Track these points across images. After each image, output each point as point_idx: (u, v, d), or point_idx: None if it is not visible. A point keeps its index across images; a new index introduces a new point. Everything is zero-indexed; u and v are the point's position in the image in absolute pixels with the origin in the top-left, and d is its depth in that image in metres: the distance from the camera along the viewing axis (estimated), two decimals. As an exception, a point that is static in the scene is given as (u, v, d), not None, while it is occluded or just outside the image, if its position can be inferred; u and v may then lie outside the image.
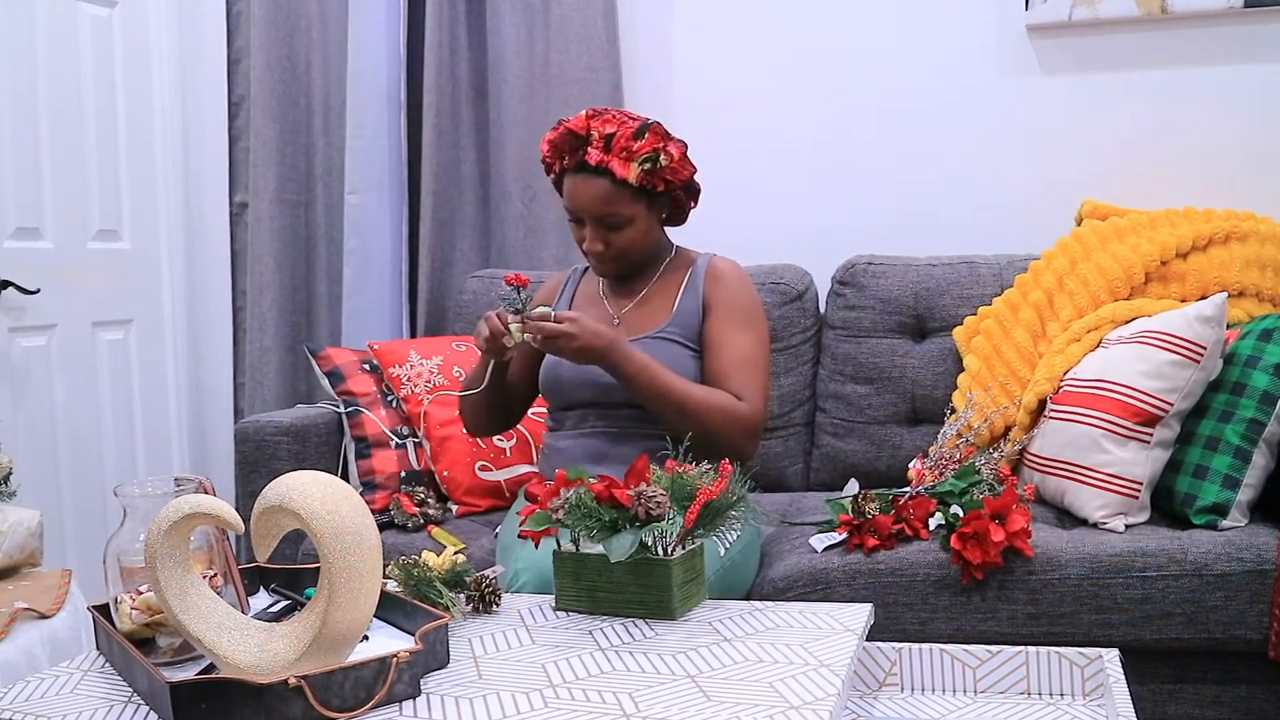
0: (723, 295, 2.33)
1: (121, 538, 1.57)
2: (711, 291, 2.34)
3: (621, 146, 2.23)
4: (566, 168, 2.28)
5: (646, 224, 2.31)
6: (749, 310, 2.35)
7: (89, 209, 3.22)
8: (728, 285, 2.35)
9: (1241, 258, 2.63)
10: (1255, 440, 2.25)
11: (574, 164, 2.26)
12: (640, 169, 2.23)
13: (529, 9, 3.31)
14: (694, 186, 2.36)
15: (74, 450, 3.15)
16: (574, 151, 2.26)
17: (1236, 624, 2.10)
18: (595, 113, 2.26)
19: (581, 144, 2.25)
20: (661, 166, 2.25)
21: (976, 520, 2.14)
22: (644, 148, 2.23)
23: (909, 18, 3.16)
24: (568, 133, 2.25)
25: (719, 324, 2.30)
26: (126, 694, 1.44)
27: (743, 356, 2.28)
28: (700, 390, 2.21)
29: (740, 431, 2.23)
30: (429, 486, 2.76)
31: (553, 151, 2.30)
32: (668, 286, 2.39)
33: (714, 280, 2.36)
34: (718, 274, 2.37)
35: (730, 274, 2.38)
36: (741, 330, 2.31)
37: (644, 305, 2.38)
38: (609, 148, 2.23)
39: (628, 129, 2.23)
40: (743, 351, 2.28)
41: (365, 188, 3.36)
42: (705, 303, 2.33)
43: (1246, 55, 2.96)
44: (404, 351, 2.85)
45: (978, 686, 1.75)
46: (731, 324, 2.30)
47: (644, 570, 1.66)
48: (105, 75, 3.27)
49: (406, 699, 1.37)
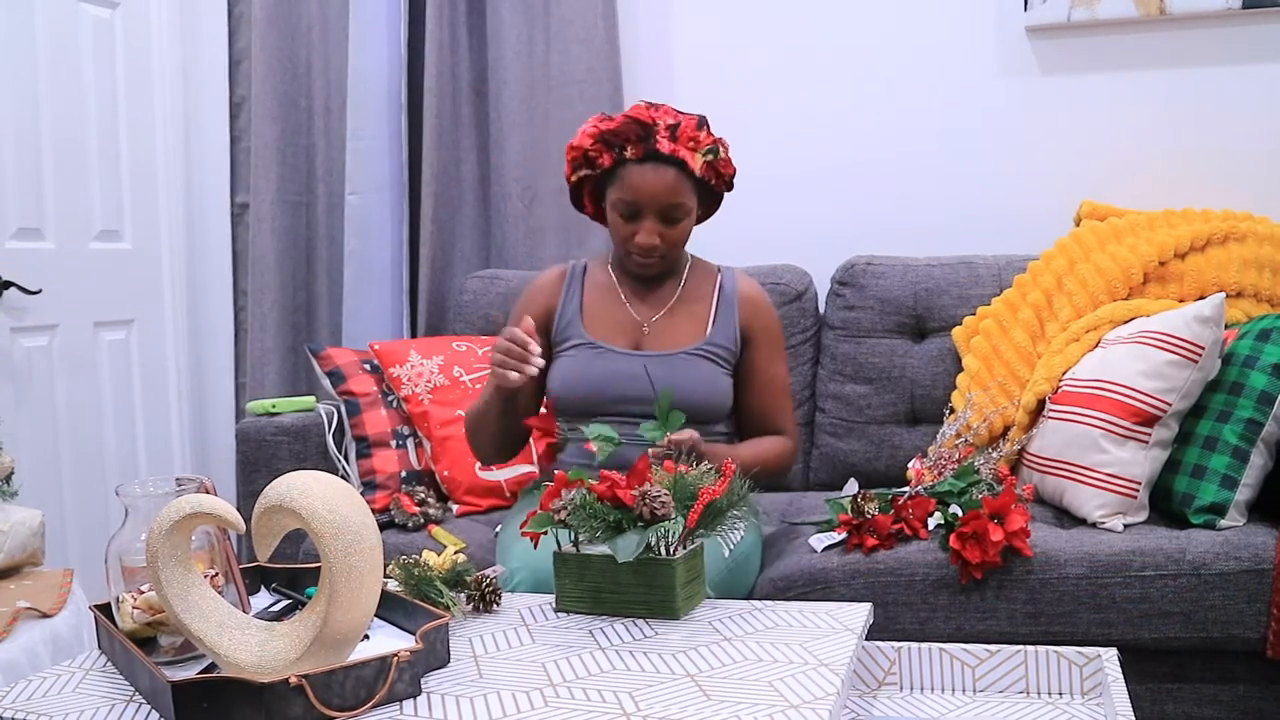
0: (764, 327, 2.38)
1: (123, 537, 1.58)
2: (752, 323, 2.37)
3: (689, 136, 2.23)
4: (630, 157, 2.22)
5: (693, 220, 2.33)
6: (780, 338, 2.43)
7: (90, 209, 3.23)
8: (767, 316, 2.40)
9: (1239, 258, 2.64)
10: (1253, 440, 2.25)
11: (642, 153, 2.21)
12: (704, 160, 2.24)
13: (529, 10, 3.31)
14: (732, 184, 2.35)
15: (76, 450, 3.16)
16: (639, 141, 2.22)
17: (1234, 623, 2.11)
18: (651, 105, 2.27)
19: (649, 132, 2.22)
20: (720, 158, 2.27)
21: (975, 520, 2.14)
22: (707, 139, 2.25)
23: (908, 19, 3.16)
24: (631, 121, 2.22)
25: (764, 358, 2.37)
26: (128, 693, 1.44)
27: (783, 389, 2.41)
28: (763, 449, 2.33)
29: (790, 463, 2.41)
30: (429, 486, 2.76)
31: (603, 143, 2.25)
32: (695, 298, 2.38)
33: (753, 309, 2.39)
34: (755, 303, 2.40)
35: (764, 302, 2.42)
36: (780, 362, 2.41)
37: (673, 316, 2.36)
38: (675, 137, 2.22)
39: (691, 120, 2.25)
40: (782, 384, 2.41)
41: (366, 188, 3.37)
42: (745, 333, 2.37)
43: (1245, 56, 2.96)
44: (404, 351, 2.85)
45: (976, 686, 1.76)
46: (773, 357, 2.39)
47: (647, 570, 1.67)
48: (107, 76, 3.28)
49: (407, 698, 1.38)
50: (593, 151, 2.26)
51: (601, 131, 2.24)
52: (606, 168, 2.26)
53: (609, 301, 2.38)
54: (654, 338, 2.33)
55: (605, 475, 1.72)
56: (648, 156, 2.22)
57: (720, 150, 2.27)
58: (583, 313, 2.37)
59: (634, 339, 2.34)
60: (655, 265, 2.32)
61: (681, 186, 2.23)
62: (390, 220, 3.43)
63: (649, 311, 2.36)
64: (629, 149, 2.23)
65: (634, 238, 2.27)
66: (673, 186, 2.22)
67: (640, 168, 2.22)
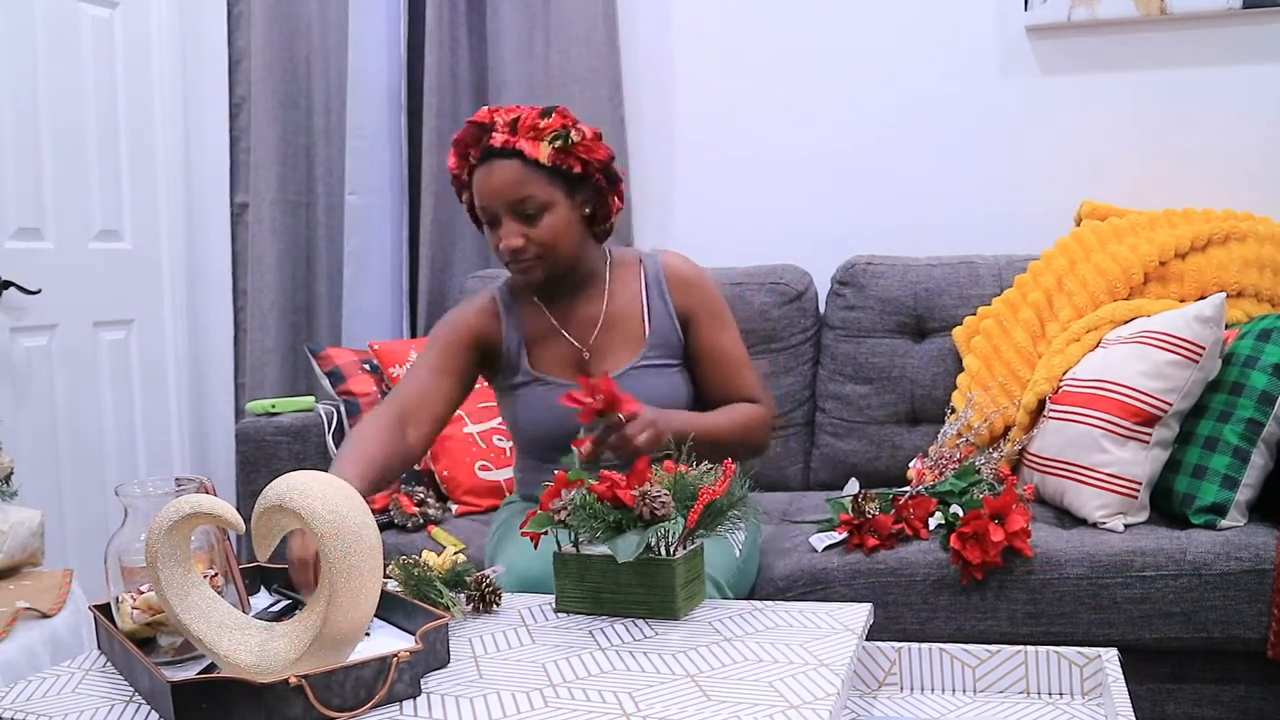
0: (700, 301, 2.24)
1: (122, 537, 1.57)
2: (685, 301, 2.23)
3: (529, 125, 2.08)
4: (473, 161, 2.11)
5: (568, 214, 2.11)
6: (722, 306, 2.27)
7: (90, 209, 3.23)
8: (700, 289, 2.25)
9: (1240, 258, 2.63)
10: (1254, 440, 2.25)
11: (480, 154, 2.09)
12: (551, 146, 2.07)
13: (529, 10, 3.31)
14: (613, 172, 2.16)
15: (75, 450, 3.16)
16: (476, 143, 2.10)
17: (1235, 623, 2.11)
18: (496, 108, 2.13)
19: (485, 133, 2.09)
20: (574, 143, 2.09)
21: (976, 520, 2.14)
22: (552, 125, 2.09)
23: (908, 18, 3.16)
24: (470, 126, 2.10)
25: (708, 334, 2.23)
26: (128, 693, 1.44)
27: (738, 358, 2.25)
28: (731, 416, 2.18)
29: (766, 433, 2.25)
30: (428, 486, 2.76)
31: (459, 157, 2.14)
32: (624, 299, 2.24)
33: (683, 287, 2.24)
34: (685, 279, 2.24)
35: (694, 275, 2.26)
36: (726, 331, 2.25)
37: (611, 330, 2.22)
38: (515, 130, 2.08)
39: (533, 110, 2.11)
40: (735, 353, 2.25)
41: (365, 188, 3.37)
42: (682, 313, 2.23)
43: (1245, 56, 2.96)
44: (404, 351, 2.85)
45: (977, 686, 1.75)
46: (717, 329, 2.24)
47: (647, 570, 1.67)
48: (106, 76, 3.28)
49: (407, 698, 1.37)
50: (456, 169, 2.15)
51: (452, 144, 2.14)
52: (466, 180, 2.15)
53: (544, 331, 2.23)
54: (597, 361, 2.20)
55: (605, 475, 1.72)
56: (485, 155, 2.09)
57: (573, 134, 2.08)
58: (526, 346, 2.23)
59: (576, 365, 2.21)
60: (534, 269, 2.12)
61: (527, 179, 2.07)
62: (390, 220, 3.43)
63: (584, 332, 2.22)
64: (471, 153, 2.12)
65: (499, 245, 2.12)
66: (514, 180, 2.06)
67: (481, 169, 2.09)
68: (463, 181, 2.16)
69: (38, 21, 3.04)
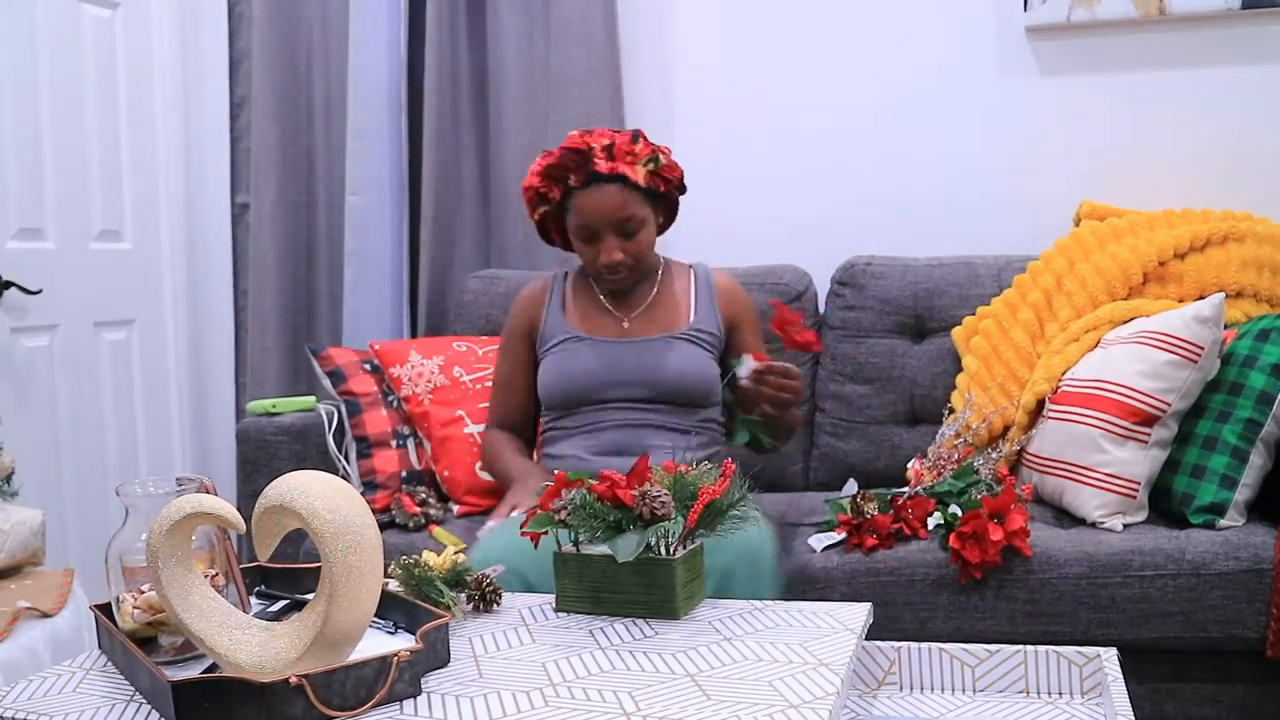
0: (745, 314, 2.51)
1: (123, 537, 1.58)
2: (733, 310, 2.49)
3: (625, 151, 2.34)
4: (574, 185, 2.33)
5: (653, 227, 2.41)
6: (759, 325, 2.56)
7: (91, 209, 3.23)
8: (744, 303, 2.52)
9: (1239, 258, 2.64)
10: (1253, 440, 2.25)
11: (584, 178, 2.32)
12: (646, 170, 2.34)
13: (529, 11, 3.31)
14: (684, 186, 2.44)
15: (76, 450, 3.16)
16: (579, 169, 2.32)
17: (1234, 623, 2.11)
18: (586, 131, 2.37)
19: (585, 158, 2.32)
20: (662, 165, 2.36)
21: (975, 520, 2.14)
22: (644, 151, 2.35)
23: (908, 19, 3.16)
24: (568, 152, 2.32)
25: (753, 342, 2.49)
26: (129, 693, 1.45)
27: None
28: None
29: None
30: (430, 486, 2.76)
31: (549, 178, 2.36)
32: (672, 293, 2.49)
33: (732, 298, 2.51)
34: (733, 292, 2.52)
35: (740, 291, 2.54)
36: (762, 346, 2.51)
37: (653, 310, 2.46)
38: (613, 155, 2.33)
39: (624, 136, 2.36)
40: None
41: (366, 188, 3.37)
42: (729, 320, 2.48)
43: (1244, 56, 2.97)
44: (405, 351, 2.85)
45: (976, 685, 1.76)
46: (755, 341, 2.50)
47: (647, 570, 1.67)
48: (107, 76, 3.28)
49: (407, 698, 1.38)
50: (543, 188, 2.37)
51: (545, 167, 2.35)
52: (558, 200, 2.38)
53: (590, 303, 2.49)
54: (635, 328, 2.43)
55: (605, 475, 1.73)
56: (590, 180, 2.32)
57: (661, 158, 2.36)
58: (565, 313, 2.48)
59: (617, 332, 2.44)
60: (625, 279, 2.41)
61: (628, 200, 2.33)
62: (390, 220, 3.43)
63: (629, 309, 2.46)
64: (572, 178, 2.33)
65: (599, 259, 2.36)
66: (619, 202, 2.32)
67: (585, 192, 2.33)
68: (551, 201, 2.39)
69: (38, 22, 3.04)
